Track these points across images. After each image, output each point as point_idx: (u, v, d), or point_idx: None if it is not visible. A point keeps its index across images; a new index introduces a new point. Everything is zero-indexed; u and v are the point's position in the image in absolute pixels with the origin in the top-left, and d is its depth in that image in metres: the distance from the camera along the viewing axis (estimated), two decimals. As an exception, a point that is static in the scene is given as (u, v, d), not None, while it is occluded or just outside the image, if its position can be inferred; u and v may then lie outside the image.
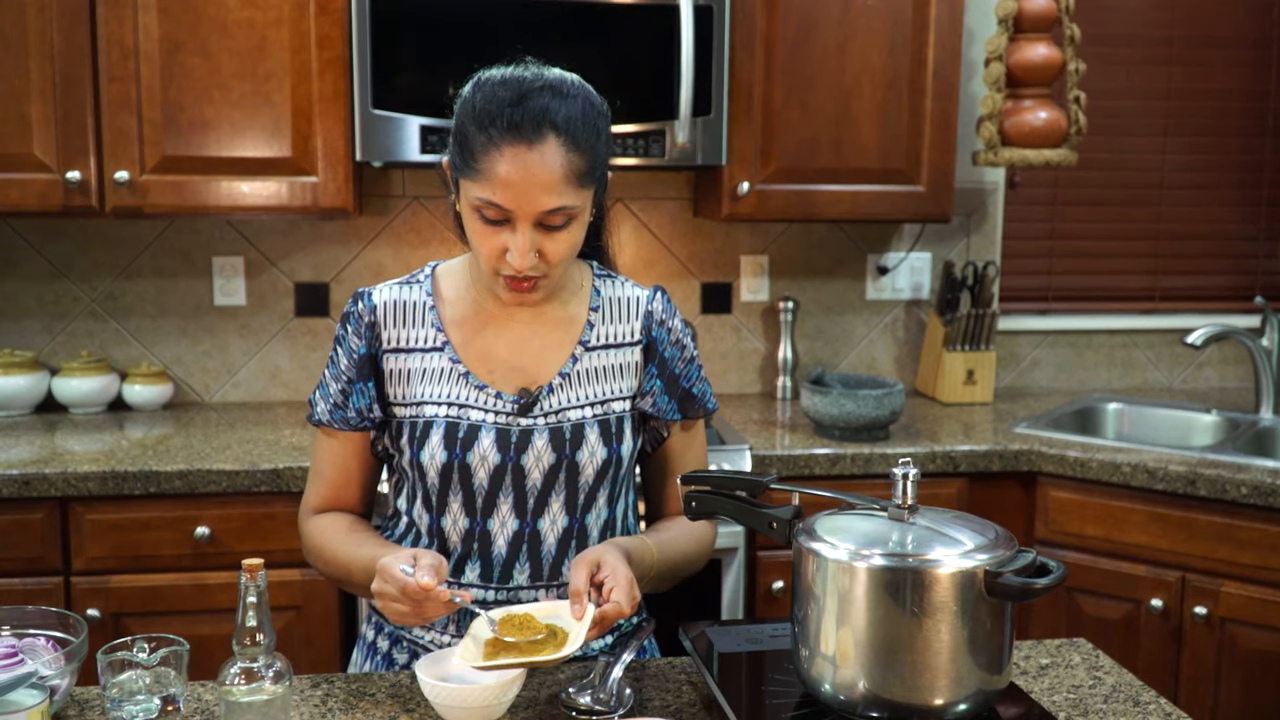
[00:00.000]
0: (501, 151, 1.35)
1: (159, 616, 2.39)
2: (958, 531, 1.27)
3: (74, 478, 2.36)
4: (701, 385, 1.60)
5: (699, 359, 1.61)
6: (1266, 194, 3.49)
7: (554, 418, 1.49)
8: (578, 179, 1.38)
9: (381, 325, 1.53)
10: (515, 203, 1.36)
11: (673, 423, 1.59)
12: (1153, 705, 1.39)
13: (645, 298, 1.57)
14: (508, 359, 1.52)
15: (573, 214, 1.39)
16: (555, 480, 1.49)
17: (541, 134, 1.35)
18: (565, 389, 1.51)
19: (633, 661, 1.50)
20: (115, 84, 2.56)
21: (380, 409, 1.53)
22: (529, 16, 2.58)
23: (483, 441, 1.47)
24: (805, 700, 1.32)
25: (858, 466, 2.60)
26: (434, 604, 1.33)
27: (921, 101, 2.86)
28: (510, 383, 1.51)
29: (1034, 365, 3.43)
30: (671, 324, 1.57)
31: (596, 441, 1.49)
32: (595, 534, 1.53)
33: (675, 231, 3.19)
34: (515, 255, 1.38)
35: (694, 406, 1.59)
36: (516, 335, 1.53)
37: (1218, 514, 2.46)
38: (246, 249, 3.03)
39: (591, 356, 1.53)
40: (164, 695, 1.31)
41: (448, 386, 1.50)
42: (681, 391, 1.57)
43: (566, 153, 1.36)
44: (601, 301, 1.56)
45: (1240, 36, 3.40)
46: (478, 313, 1.53)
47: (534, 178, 1.35)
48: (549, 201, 1.36)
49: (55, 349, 2.99)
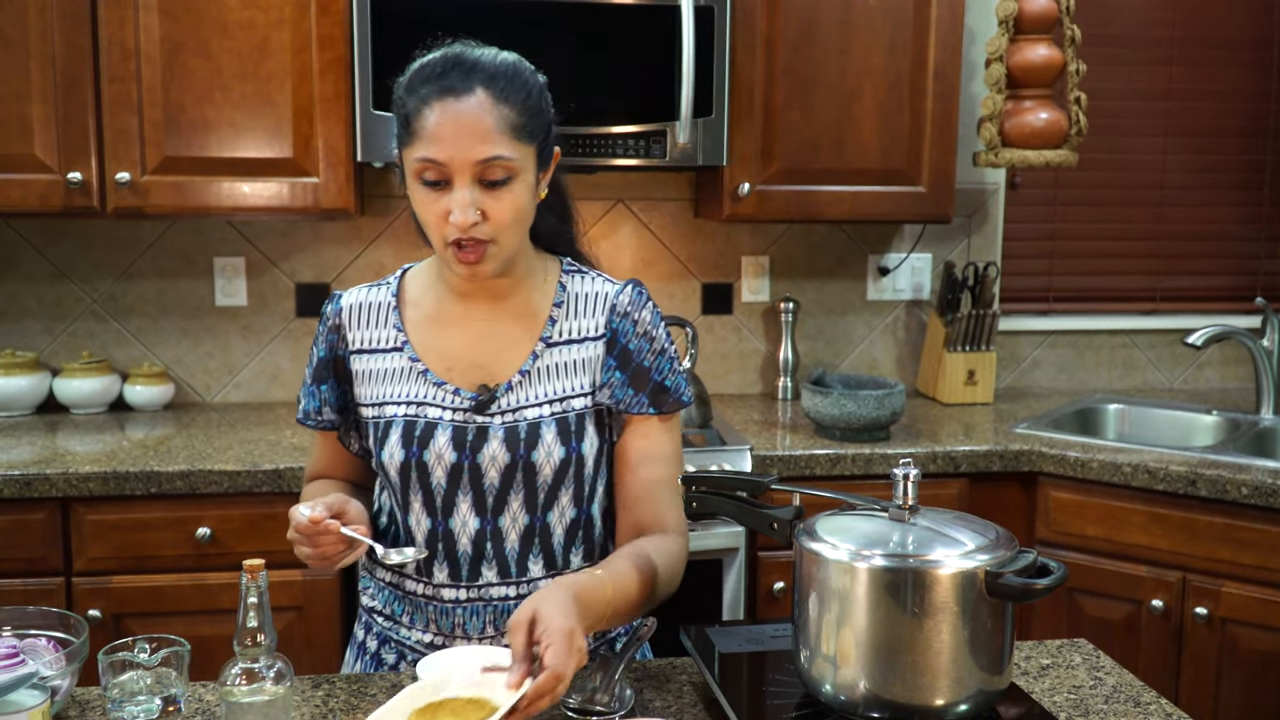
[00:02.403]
0: (432, 107, 1.37)
1: (160, 617, 2.39)
2: (958, 532, 1.27)
3: (75, 478, 2.36)
4: (675, 378, 1.53)
5: (673, 352, 1.55)
6: (1267, 194, 3.49)
7: (511, 416, 1.48)
8: (511, 130, 1.38)
9: (346, 328, 1.56)
10: (448, 154, 1.36)
11: (643, 417, 1.52)
12: (1153, 706, 1.39)
13: (614, 292, 1.54)
14: (467, 356, 1.51)
15: (511, 168, 1.38)
16: (513, 479, 1.48)
17: (469, 85, 1.37)
18: (525, 386, 1.49)
19: (633, 662, 1.49)
20: (116, 84, 2.56)
21: (336, 413, 1.57)
22: (530, 17, 2.58)
23: (438, 439, 1.47)
24: (806, 701, 1.32)
25: (858, 467, 2.60)
26: (328, 538, 1.38)
27: (922, 102, 2.86)
28: (470, 380, 1.50)
29: (1035, 366, 3.43)
30: (638, 316, 1.52)
31: (554, 441, 1.47)
32: (560, 532, 1.51)
33: (676, 232, 3.19)
34: (457, 211, 1.37)
35: (668, 399, 1.52)
36: (477, 332, 1.52)
37: (1218, 514, 2.46)
38: (248, 249, 3.03)
39: (553, 353, 1.51)
40: (165, 696, 1.31)
41: (407, 385, 1.51)
42: (653, 385, 1.51)
43: (496, 103, 1.38)
44: (566, 297, 1.53)
45: (1241, 37, 3.40)
46: (439, 311, 1.54)
47: (464, 127, 1.36)
48: (482, 150, 1.36)
49: (56, 349, 2.99)
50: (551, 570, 1.52)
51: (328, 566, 1.42)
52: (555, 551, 1.51)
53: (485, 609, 1.50)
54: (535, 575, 1.51)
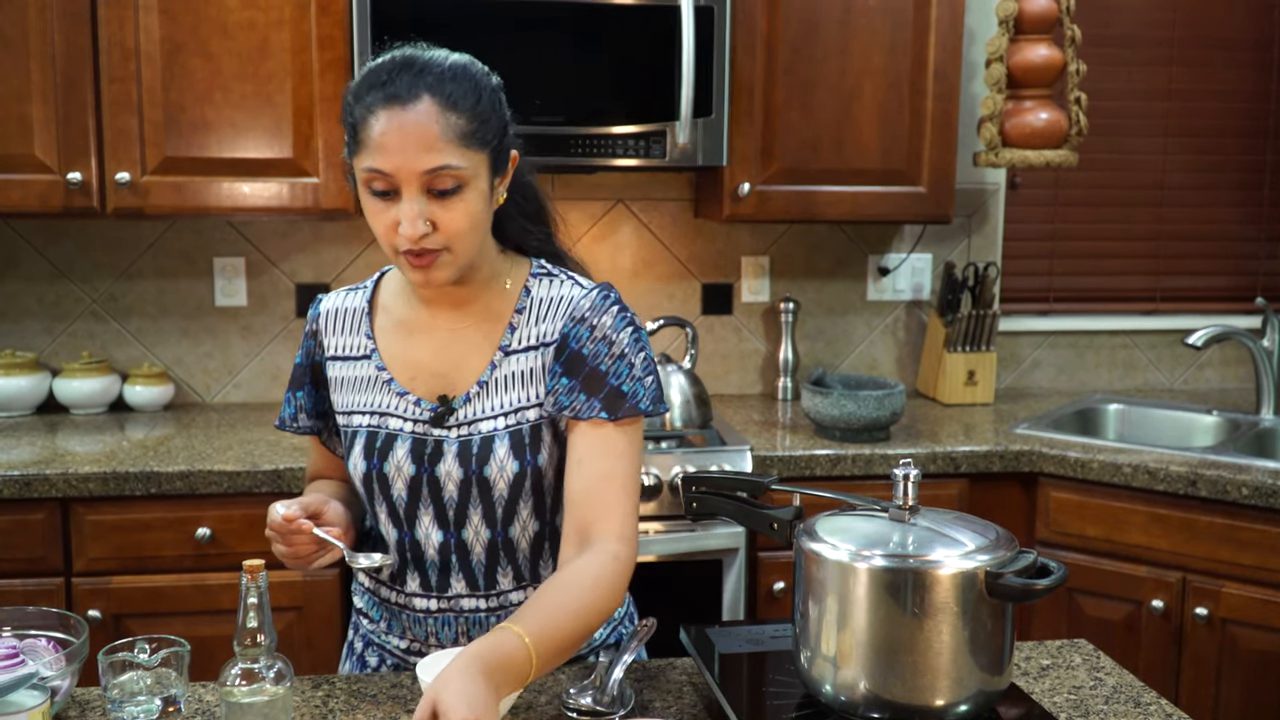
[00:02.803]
0: (378, 115, 1.32)
1: (160, 617, 2.39)
2: (958, 532, 1.27)
3: (75, 478, 2.36)
4: (634, 384, 1.43)
5: (640, 359, 1.45)
6: (1267, 195, 3.49)
7: (466, 429, 1.44)
8: (459, 138, 1.33)
9: (323, 333, 1.55)
10: (394, 164, 1.32)
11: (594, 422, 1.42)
12: (1154, 706, 1.39)
13: (578, 296, 1.46)
14: (430, 365, 1.48)
15: (460, 177, 1.33)
16: (469, 494, 1.44)
17: (416, 93, 1.32)
18: (482, 398, 1.45)
19: (634, 662, 1.49)
20: (116, 85, 2.56)
21: (316, 417, 1.58)
22: (530, 17, 2.58)
23: (397, 451, 1.45)
24: (806, 701, 1.32)
25: (858, 467, 2.60)
26: (300, 538, 1.37)
27: (922, 102, 2.86)
28: (432, 390, 1.47)
29: (1035, 366, 3.42)
30: (597, 320, 1.43)
31: (506, 455, 1.43)
32: (524, 545, 1.48)
33: (676, 232, 3.19)
34: (405, 223, 1.33)
35: (624, 405, 1.41)
36: (440, 341, 1.48)
37: (1218, 515, 2.46)
38: (248, 250, 3.03)
39: (510, 362, 1.46)
40: (165, 696, 1.31)
41: (372, 394, 1.49)
42: (609, 389, 1.41)
43: (443, 111, 1.32)
44: (529, 302, 1.47)
45: (1241, 38, 3.40)
46: (405, 319, 1.51)
47: (410, 136, 1.31)
48: (429, 160, 1.31)
49: (56, 350, 2.99)
50: (521, 583, 1.49)
51: (302, 566, 1.41)
52: (522, 565, 1.49)
53: (457, 620, 1.49)
54: (505, 588, 1.49)
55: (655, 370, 1.48)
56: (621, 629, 1.62)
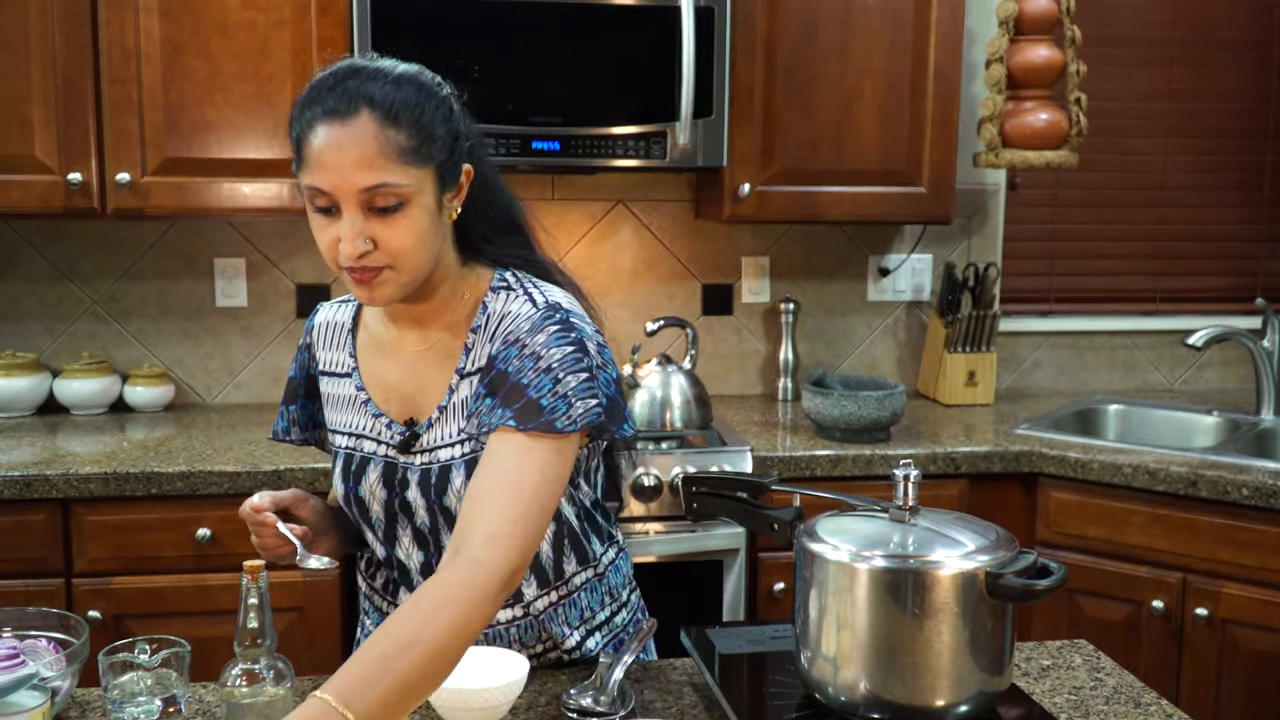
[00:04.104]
0: (317, 132, 1.28)
1: (160, 618, 2.39)
2: (959, 533, 1.27)
3: (75, 479, 2.36)
4: (555, 400, 1.31)
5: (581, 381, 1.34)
6: (1267, 195, 3.49)
7: (427, 456, 1.41)
8: (398, 155, 1.27)
9: (316, 346, 1.55)
10: (332, 182, 1.27)
11: (507, 430, 1.31)
12: (1154, 706, 1.39)
13: (524, 315, 1.37)
14: (399, 386, 1.45)
15: (401, 194, 1.28)
16: (438, 520, 1.42)
17: (354, 109, 1.27)
18: (442, 423, 1.41)
19: (634, 663, 1.50)
20: (117, 86, 2.56)
21: (305, 431, 1.58)
22: (530, 18, 2.58)
23: (370, 476, 1.45)
24: (806, 701, 1.32)
25: (859, 468, 2.60)
26: (265, 530, 1.38)
27: (922, 103, 2.86)
28: (402, 411, 1.45)
29: (1035, 366, 3.42)
30: (530, 340, 1.34)
31: (462, 485, 1.38)
32: None
33: (676, 233, 3.19)
34: (345, 242, 1.29)
35: (537, 418, 1.30)
36: (406, 361, 1.45)
37: (1219, 515, 2.46)
38: (248, 250, 3.03)
39: (465, 385, 1.40)
40: (165, 696, 1.31)
41: (352, 414, 1.48)
42: (525, 400, 1.31)
43: (382, 127, 1.27)
44: (484, 319, 1.41)
45: (1241, 38, 3.40)
46: (378, 337, 1.48)
47: (347, 153, 1.26)
48: (365, 179, 1.26)
49: (57, 350, 2.99)
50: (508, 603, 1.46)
51: (271, 558, 1.40)
52: None
53: None
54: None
55: (610, 393, 1.40)
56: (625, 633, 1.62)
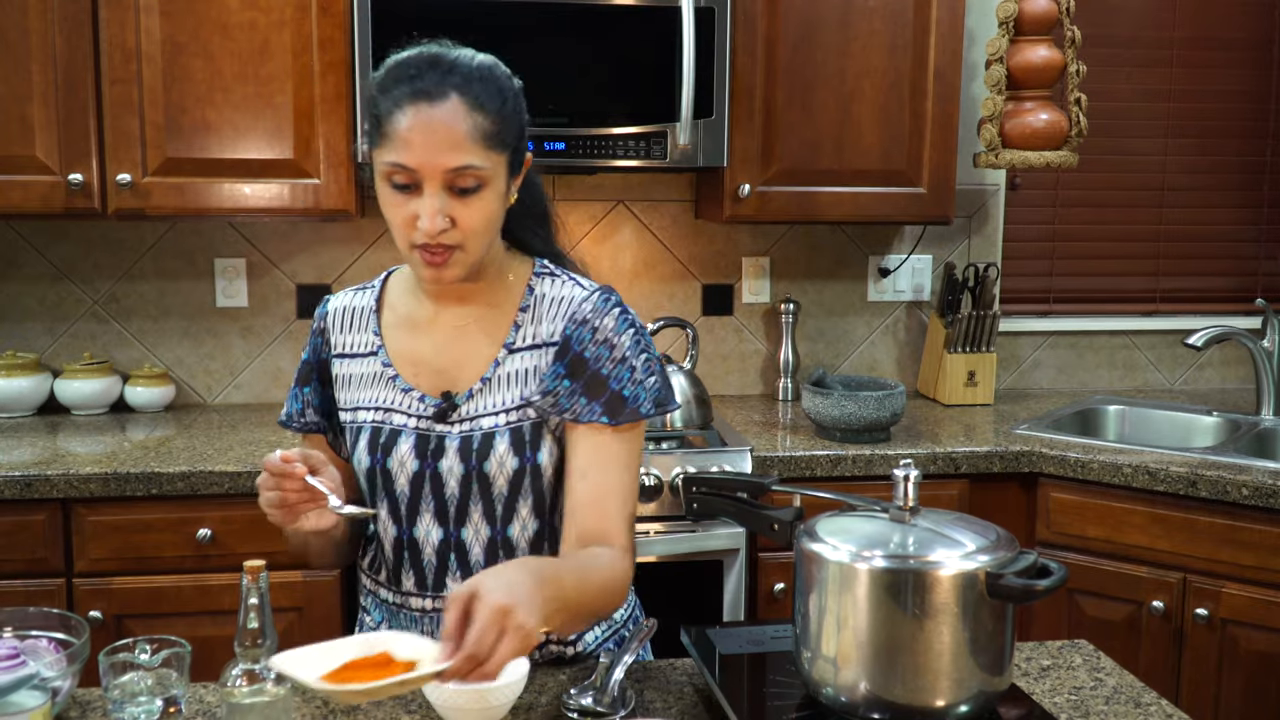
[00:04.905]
0: (404, 111, 1.34)
1: (161, 618, 2.39)
2: (959, 533, 1.27)
3: (76, 479, 2.37)
4: (635, 389, 1.45)
5: (640, 362, 1.46)
6: (1267, 195, 3.49)
7: (468, 425, 1.46)
8: (483, 139, 1.35)
9: (331, 331, 1.56)
10: (419, 160, 1.34)
11: (597, 425, 1.44)
12: (1154, 707, 1.39)
13: (579, 297, 1.48)
14: (433, 361, 1.50)
15: (481, 177, 1.36)
16: (470, 490, 1.46)
17: (444, 91, 1.34)
18: (485, 394, 1.47)
19: (634, 663, 1.50)
20: (117, 86, 2.56)
21: (321, 415, 1.58)
22: (531, 18, 2.58)
23: (401, 447, 1.47)
24: (807, 702, 1.32)
25: (859, 468, 2.60)
26: (292, 483, 1.35)
27: (923, 103, 2.86)
28: (436, 386, 1.49)
29: (1035, 367, 3.43)
30: (599, 323, 1.46)
31: (506, 451, 1.44)
32: (524, 545, 1.49)
33: (676, 233, 3.19)
34: (425, 218, 1.35)
35: (624, 410, 1.44)
36: (444, 337, 1.50)
37: (1219, 515, 2.46)
38: (248, 251, 3.03)
39: (514, 360, 1.48)
40: (166, 697, 1.31)
41: (378, 390, 1.51)
42: (610, 394, 1.44)
43: (470, 111, 1.35)
44: (533, 300, 1.50)
45: (1241, 38, 3.40)
46: (411, 315, 1.53)
47: (436, 134, 1.33)
48: (453, 159, 1.34)
49: (57, 351, 3.00)
50: None
51: (287, 519, 1.36)
52: None
53: None
54: None
55: (659, 369, 1.49)
56: (625, 630, 1.62)
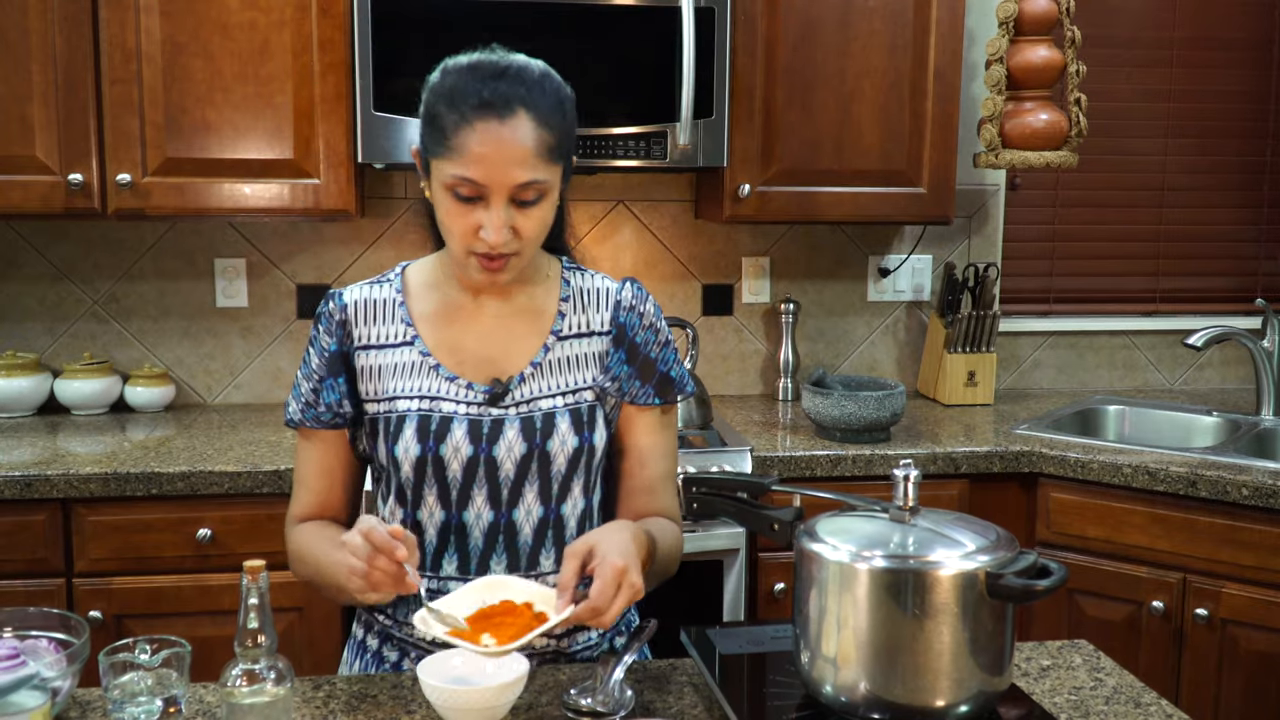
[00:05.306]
0: (474, 127, 1.37)
1: (161, 618, 2.39)
2: (959, 533, 1.27)
3: (76, 479, 2.37)
4: (679, 369, 1.59)
5: (674, 343, 1.61)
6: (1267, 195, 3.49)
7: (525, 407, 1.51)
8: (548, 154, 1.40)
9: (352, 323, 1.55)
10: (488, 177, 1.38)
11: (648, 408, 1.58)
12: (1154, 707, 1.39)
13: (615, 288, 1.58)
14: (477, 350, 1.53)
15: (544, 190, 1.42)
16: (528, 470, 1.50)
17: (512, 109, 1.38)
18: (537, 378, 1.52)
19: (634, 663, 1.50)
20: (117, 86, 2.56)
21: (352, 406, 1.54)
22: (531, 18, 2.58)
23: (455, 433, 1.49)
24: (807, 702, 1.32)
25: (859, 468, 2.60)
26: (387, 561, 1.29)
27: (923, 103, 2.86)
28: (481, 373, 1.52)
29: (1035, 367, 3.43)
30: (643, 309, 1.57)
31: (568, 430, 1.50)
32: (573, 524, 1.53)
33: (676, 233, 3.19)
34: (490, 231, 1.40)
35: (672, 390, 1.58)
36: (485, 327, 1.54)
37: (1219, 515, 2.46)
38: (248, 251, 3.03)
39: (563, 346, 1.54)
40: (166, 697, 1.31)
41: (419, 380, 1.52)
42: (659, 375, 1.57)
43: (536, 127, 1.39)
44: (571, 291, 1.57)
45: (1241, 38, 3.41)
46: (447, 306, 1.55)
47: (506, 151, 1.37)
48: (521, 175, 1.38)
49: (57, 351, 3.00)
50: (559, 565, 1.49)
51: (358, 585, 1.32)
52: (567, 544, 1.49)
53: None
54: (546, 570, 1.51)
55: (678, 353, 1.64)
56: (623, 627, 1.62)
